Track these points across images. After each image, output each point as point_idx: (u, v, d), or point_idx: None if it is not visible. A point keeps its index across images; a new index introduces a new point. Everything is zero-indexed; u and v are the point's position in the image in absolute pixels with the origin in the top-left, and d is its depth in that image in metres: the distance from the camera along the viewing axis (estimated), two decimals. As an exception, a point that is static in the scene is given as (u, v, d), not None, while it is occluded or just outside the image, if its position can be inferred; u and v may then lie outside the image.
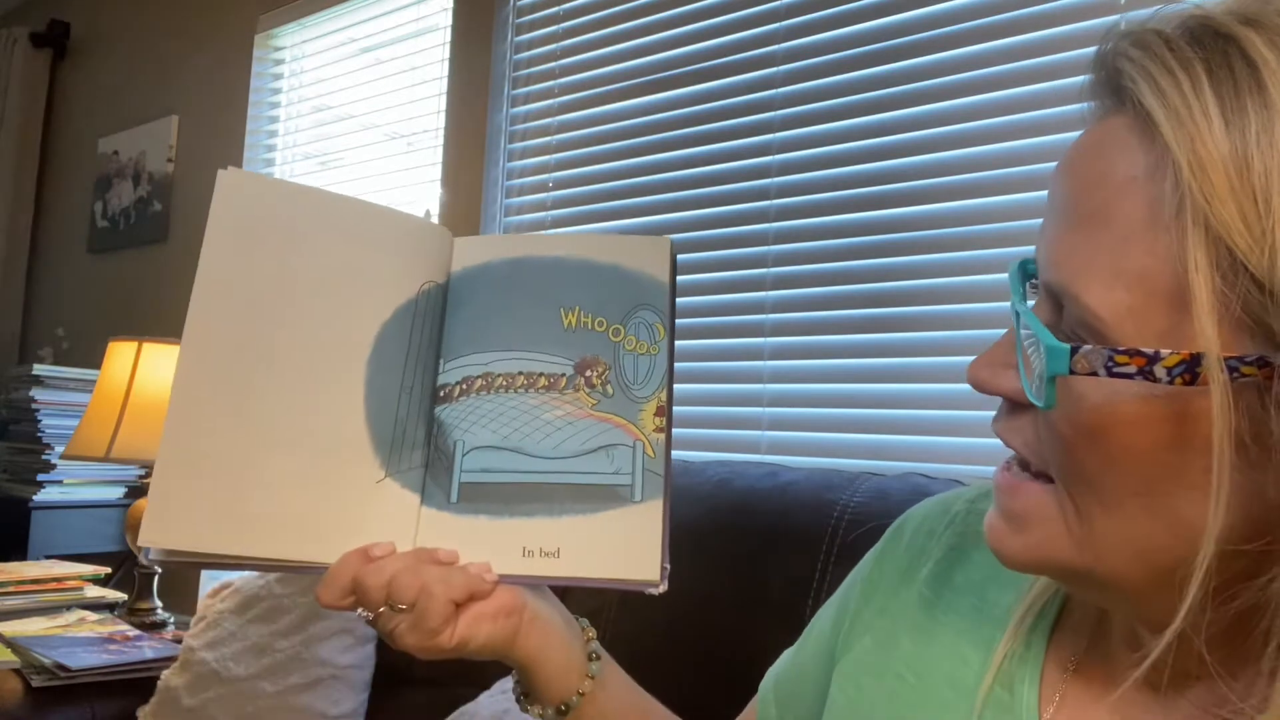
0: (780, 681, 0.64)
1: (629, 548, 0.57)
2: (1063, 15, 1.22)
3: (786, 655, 0.66)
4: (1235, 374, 0.33)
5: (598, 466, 0.59)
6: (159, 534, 0.53)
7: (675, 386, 0.62)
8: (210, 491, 0.54)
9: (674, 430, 0.62)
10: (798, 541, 1.02)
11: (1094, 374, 0.36)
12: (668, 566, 0.57)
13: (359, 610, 0.55)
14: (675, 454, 1.42)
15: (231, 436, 0.55)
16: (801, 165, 1.46)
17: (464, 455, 0.60)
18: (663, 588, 0.57)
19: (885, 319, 1.35)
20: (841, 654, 0.57)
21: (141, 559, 0.46)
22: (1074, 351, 0.36)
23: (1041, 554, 0.41)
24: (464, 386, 0.61)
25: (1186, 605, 0.35)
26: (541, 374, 0.61)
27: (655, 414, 0.60)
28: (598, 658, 0.60)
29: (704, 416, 1.50)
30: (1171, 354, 0.34)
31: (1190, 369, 0.34)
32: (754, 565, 1.04)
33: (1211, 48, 0.35)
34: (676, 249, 0.64)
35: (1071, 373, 0.36)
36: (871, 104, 1.40)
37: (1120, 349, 0.35)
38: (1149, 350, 0.34)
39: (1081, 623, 0.49)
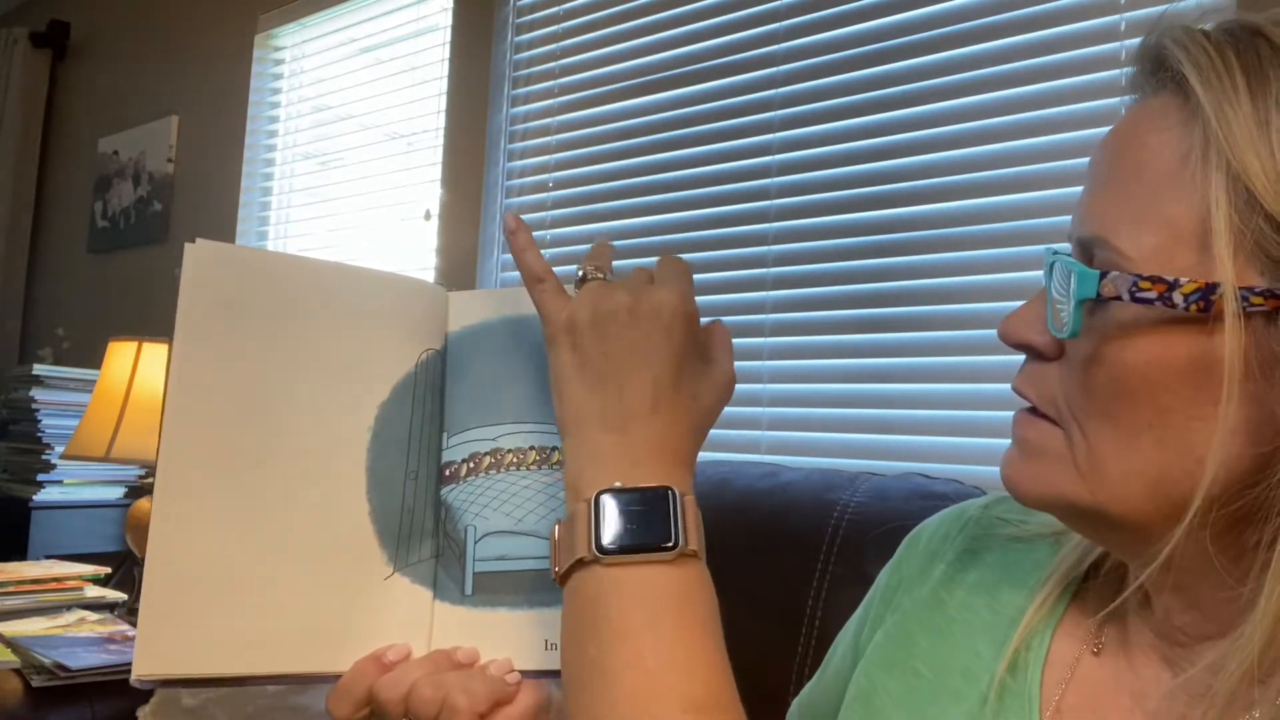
0: (802, 708, 0.65)
1: None
2: (1063, 15, 1.22)
3: (810, 684, 0.67)
4: (1246, 303, 0.37)
5: None
6: (153, 663, 0.48)
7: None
8: (204, 610, 0.50)
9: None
10: (798, 541, 1.02)
11: (1118, 298, 0.39)
12: None
13: None
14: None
15: (222, 547, 0.50)
16: (801, 165, 1.46)
17: (476, 542, 0.55)
18: None
19: (885, 319, 1.35)
20: (862, 655, 0.58)
21: (133, 683, 0.45)
22: (1102, 277, 0.40)
23: (1049, 486, 0.43)
24: (471, 465, 0.56)
25: (1189, 516, 0.38)
26: (554, 448, 0.57)
27: None
28: None
29: (704, 416, 1.50)
30: (1189, 282, 0.38)
31: (1205, 296, 0.37)
32: (754, 565, 1.04)
33: (1241, 36, 0.40)
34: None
35: (1099, 295, 0.40)
36: (871, 104, 1.40)
37: (1144, 275, 0.39)
38: (1169, 278, 0.38)
39: (1093, 610, 0.50)
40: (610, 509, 0.47)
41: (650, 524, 0.47)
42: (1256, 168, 0.37)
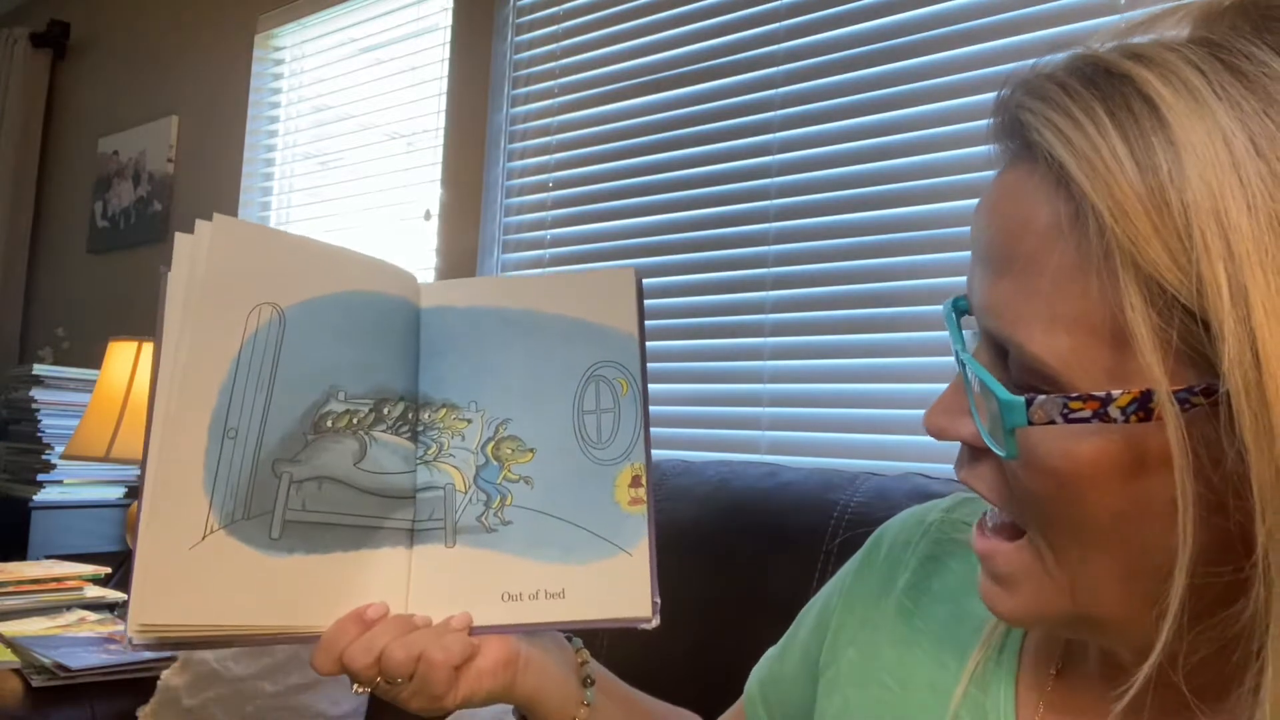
0: (766, 685, 0.65)
1: (619, 587, 0.57)
2: (1063, 15, 1.22)
3: (770, 659, 0.67)
4: (1186, 405, 0.34)
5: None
6: (152, 612, 0.50)
7: (676, 386, 0.62)
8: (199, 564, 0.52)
9: (674, 429, 0.62)
10: (798, 541, 1.02)
11: (1051, 422, 0.36)
12: (658, 601, 0.57)
13: (354, 687, 0.54)
14: (676, 454, 1.42)
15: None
16: (801, 165, 1.46)
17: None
18: (655, 622, 0.57)
19: (885, 319, 1.35)
20: (826, 666, 0.58)
21: (125, 646, 0.46)
22: (1029, 403, 0.37)
23: (1036, 609, 0.42)
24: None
25: (1164, 636, 0.36)
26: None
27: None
28: (592, 683, 0.61)
29: (704, 416, 1.50)
30: (1123, 393, 0.35)
31: (1143, 405, 0.35)
32: (754, 565, 1.04)
33: (1107, 89, 0.35)
34: (641, 278, 0.62)
35: (1030, 423, 0.37)
36: (871, 104, 1.40)
37: (1074, 395, 0.36)
38: (1100, 393, 0.35)
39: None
40: None
41: None
42: (1166, 261, 0.33)
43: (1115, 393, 0.35)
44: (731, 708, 0.69)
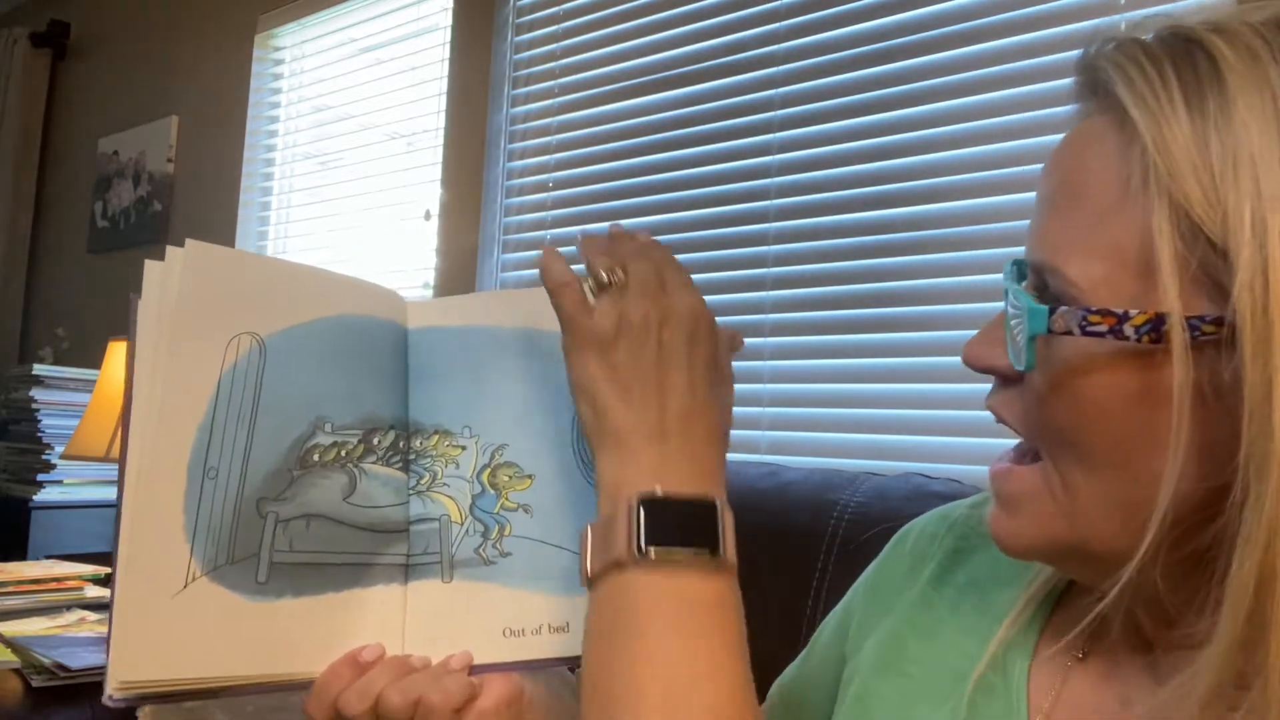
0: (785, 690, 0.65)
1: None
2: (1062, 15, 1.22)
3: (792, 667, 0.67)
4: (1196, 332, 0.36)
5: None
6: (131, 669, 0.47)
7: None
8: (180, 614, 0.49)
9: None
10: (798, 541, 1.02)
11: (1069, 333, 0.39)
12: None
13: None
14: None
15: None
16: (801, 165, 1.46)
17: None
18: None
19: (885, 319, 1.35)
20: (850, 656, 0.58)
21: (105, 701, 0.44)
22: (1051, 312, 0.39)
23: (1035, 533, 0.43)
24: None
25: (1143, 548, 0.38)
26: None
27: None
28: None
29: (704, 416, 1.50)
30: (1139, 314, 0.38)
31: (1155, 328, 0.37)
32: (754, 565, 1.04)
33: (1178, 48, 0.39)
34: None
35: (1049, 331, 0.39)
36: (871, 104, 1.40)
37: (1093, 309, 0.39)
38: (1119, 310, 0.38)
39: (1079, 612, 0.50)
40: (652, 514, 0.46)
41: (693, 532, 0.47)
42: (1198, 194, 0.36)
43: (1132, 312, 0.38)
44: None
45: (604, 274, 0.51)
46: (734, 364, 0.59)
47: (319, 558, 0.54)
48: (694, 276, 0.55)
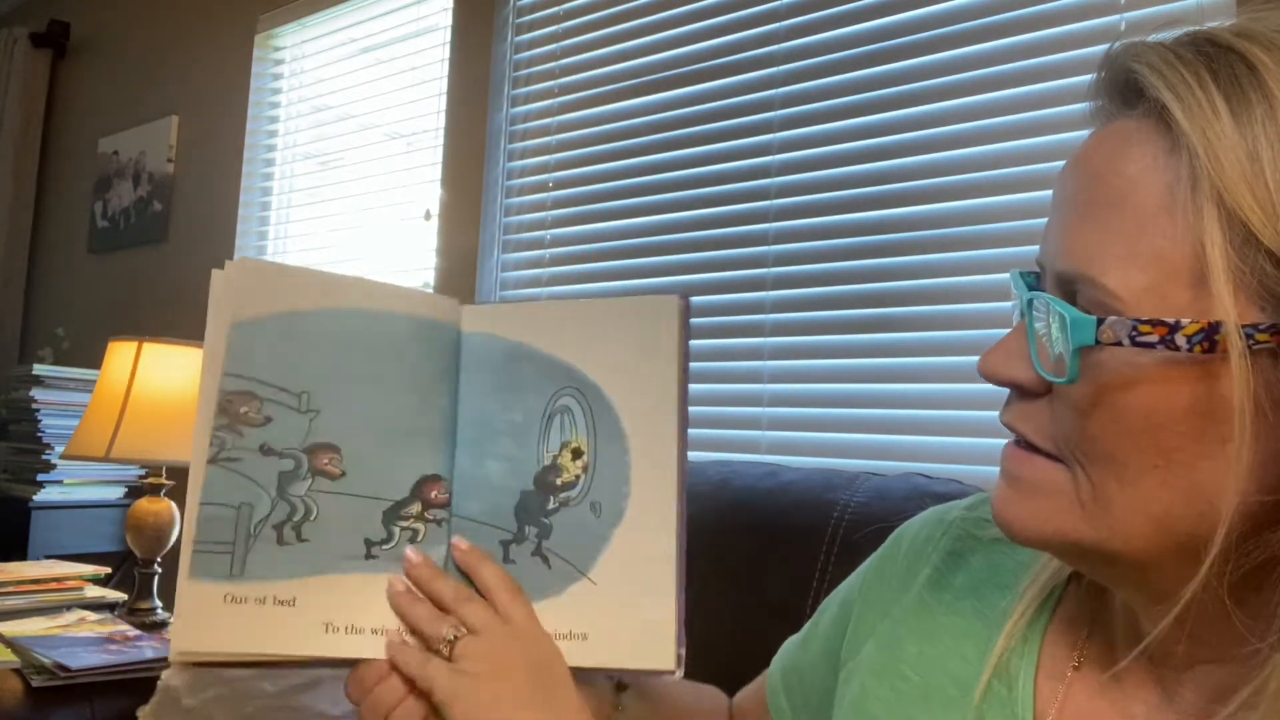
0: (788, 674, 0.66)
1: (644, 636, 0.57)
2: (1063, 15, 1.22)
3: (791, 647, 0.67)
4: (1252, 341, 0.36)
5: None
6: (192, 640, 0.53)
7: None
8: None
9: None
10: (798, 541, 1.02)
11: (1118, 344, 0.38)
12: (683, 652, 0.57)
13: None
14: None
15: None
16: (801, 165, 1.46)
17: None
18: (679, 674, 0.57)
19: (885, 319, 1.35)
20: (848, 658, 0.58)
21: (171, 658, 0.50)
22: (1099, 323, 0.38)
23: (1049, 524, 0.42)
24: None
25: (1206, 566, 0.37)
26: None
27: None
28: (625, 688, 0.62)
29: (704, 416, 1.50)
30: (1192, 323, 0.36)
31: (1209, 337, 0.36)
32: (754, 565, 1.04)
33: (1214, 55, 0.38)
34: (688, 307, 0.61)
35: (1097, 343, 0.38)
36: (871, 104, 1.40)
37: (1143, 319, 0.37)
38: (1170, 320, 0.37)
39: (1078, 618, 0.49)
40: None
41: None
42: (1251, 202, 0.35)
43: (1184, 321, 0.37)
44: (751, 685, 0.69)
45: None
46: (734, 364, 0.59)
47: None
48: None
